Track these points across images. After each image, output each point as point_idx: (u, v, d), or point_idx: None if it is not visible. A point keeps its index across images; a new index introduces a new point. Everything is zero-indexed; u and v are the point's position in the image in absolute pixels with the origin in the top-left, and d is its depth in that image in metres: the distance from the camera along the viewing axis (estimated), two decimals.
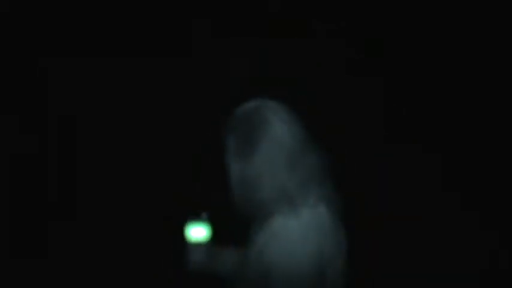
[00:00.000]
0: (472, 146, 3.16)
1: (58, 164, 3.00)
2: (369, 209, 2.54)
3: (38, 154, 2.95)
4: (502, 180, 2.95)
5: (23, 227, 2.69)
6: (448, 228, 2.66)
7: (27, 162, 2.91)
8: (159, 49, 3.38)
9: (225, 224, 1.45)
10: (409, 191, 2.90)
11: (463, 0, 3.18)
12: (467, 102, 3.28)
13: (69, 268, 2.45)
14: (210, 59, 3.36)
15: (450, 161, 3.13)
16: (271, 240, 1.14)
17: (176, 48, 3.40)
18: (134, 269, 2.44)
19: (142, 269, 2.44)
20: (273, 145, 1.15)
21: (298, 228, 1.14)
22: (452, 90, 3.37)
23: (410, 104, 3.40)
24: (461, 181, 2.97)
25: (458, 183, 2.96)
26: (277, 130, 1.16)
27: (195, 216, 1.34)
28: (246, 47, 3.33)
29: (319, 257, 1.14)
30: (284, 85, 2.83)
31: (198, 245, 1.32)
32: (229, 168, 1.20)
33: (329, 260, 1.16)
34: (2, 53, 2.91)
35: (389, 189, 2.88)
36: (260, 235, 1.18)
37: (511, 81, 3.22)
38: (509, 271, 2.45)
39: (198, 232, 1.32)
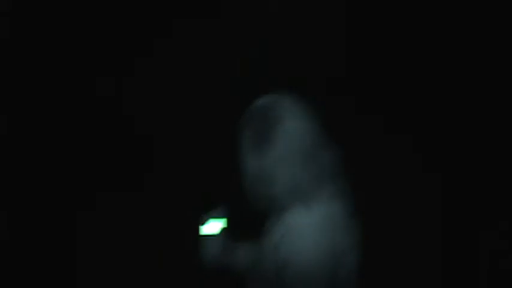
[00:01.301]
0: (472, 146, 3.18)
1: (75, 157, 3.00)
2: (381, 205, 2.54)
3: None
4: (501, 180, 2.97)
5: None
6: (449, 228, 2.68)
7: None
8: (169, 53, 3.39)
9: (240, 218, 1.46)
10: (421, 189, 2.90)
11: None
12: (466, 103, 3.30)
13: (83, 263, 2.44)
14: (223, 55, 3.35)
15: (451, 162, 3.14)
16: (285, 235, 1.15)
17: (184, 50, 3.40)
18: (149, 263, 2.43)
19: (158, 263, 2.43)
20: (287, 141, 1.16)
21: (312, 224, 1.15)
22: (451, 95, 3.40)
23: (415, 102, 3.41)
24: (463, 180, 2.98)
25: (459, 182, 2.97)
26: (292, 126, 1.17)
27: (210, 211, 1.35)
28: (260, 43, 3.33)
29: (332, 253, 1.15)
30: (298, 81, 2.83)
31: (213, 240, 1.33)
32: (243, 163, 1.21)
33: (342, 255, 1.18)
34: None
35: (402, 186, 2.87)
36: (274, 230, 1.19)
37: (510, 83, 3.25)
38: (510, 271, 2.47)
39: (213, 227, 1.33)
